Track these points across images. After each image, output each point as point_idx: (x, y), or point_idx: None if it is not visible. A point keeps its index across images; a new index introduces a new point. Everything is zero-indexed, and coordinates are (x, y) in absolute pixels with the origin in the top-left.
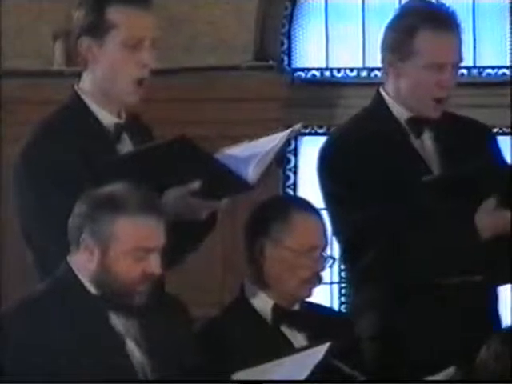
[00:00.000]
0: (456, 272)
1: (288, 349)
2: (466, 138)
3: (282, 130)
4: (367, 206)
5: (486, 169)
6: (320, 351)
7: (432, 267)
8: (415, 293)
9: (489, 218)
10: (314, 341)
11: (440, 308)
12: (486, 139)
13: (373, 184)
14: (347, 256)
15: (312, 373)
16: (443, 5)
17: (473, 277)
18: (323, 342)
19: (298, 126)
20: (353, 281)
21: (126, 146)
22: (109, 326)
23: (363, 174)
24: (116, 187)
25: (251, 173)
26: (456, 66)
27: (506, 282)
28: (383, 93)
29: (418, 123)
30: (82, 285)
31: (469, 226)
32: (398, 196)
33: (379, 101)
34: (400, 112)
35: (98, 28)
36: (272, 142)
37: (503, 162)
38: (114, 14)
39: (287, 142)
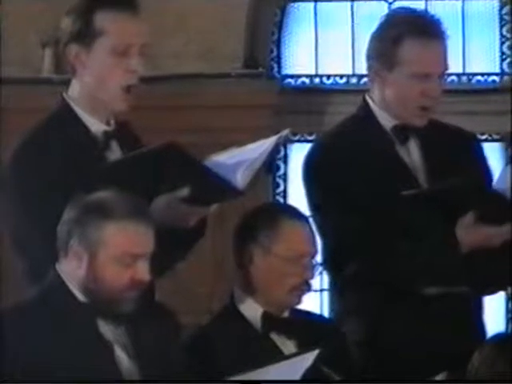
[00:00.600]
0: (440, 282)
1: (278, 356)
2: (452, 146)
3: None
4: (352, 214)
5: (466, 184)
6: (309, 358)
7: (416, 276)
8: (400, 301)
9: (467, 233)
10: (303, 348)
11: (425, 315)
12: (471, 147)
13: (358, 192)
14: (331, 263)
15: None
16: (428, 13)
17: (459, 288)
18: (313, 349)
19: (286, 132)
20: (336, 288)
21: (114, 153)
22: (97, 333)
23: (348, 182)
24: (105, 193)
25: (240, 179)
26: (442, 74)
27: (489, 293)
28: (369, 100)
29: (403, 131)
30: (70, 292)
31: (450, 237)
32: (383, 204)
33: (365, 108)
34: (386, 119)
35: (86, 35)
36: (260, 147)
37: (488, 170)
38: (101, 20)
39: (277, 149)
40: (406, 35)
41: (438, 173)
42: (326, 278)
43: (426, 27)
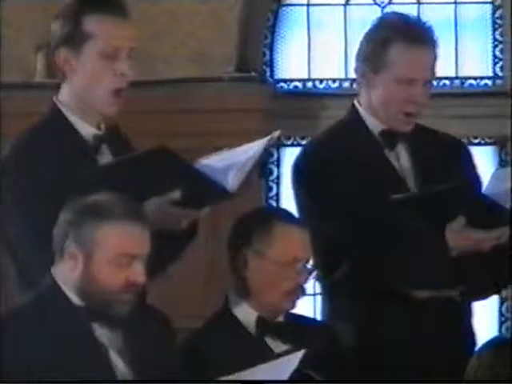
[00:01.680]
0: (429, 286)
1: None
2: (441, 151)
3: None
4: (341, 219)
5: (455, 189)
6: (295, 359)
7: (405, 280)
8: (389, 305)
9: (457, 237)
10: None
11: (414, 320)
12: (460, 153)
13: (347, 197)
14: (321, 267)
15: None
16: (420, 19)
17: (448, 292)
18: (298, 350)
19: (276, 134)
20: (326, 292)
21: (105, 157)
22: (93, 337)
23: (337, 187)
24: (100, 195)
25: (231, 181)
26: (428, 82)
27: (479, 298)
28: (357, 105)
29: (391, 136)
30: (65, 296)
31: (440, 241)
32: (373, 209)
33: (354, 113)
34: (374, 124)
35: (74, 39)
36: (251, 149)
37: (476, 175)
38: (90, 24)
39: (268, 151)
40: (394, 39)
41: (427, 177)
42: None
43: (415, 33)
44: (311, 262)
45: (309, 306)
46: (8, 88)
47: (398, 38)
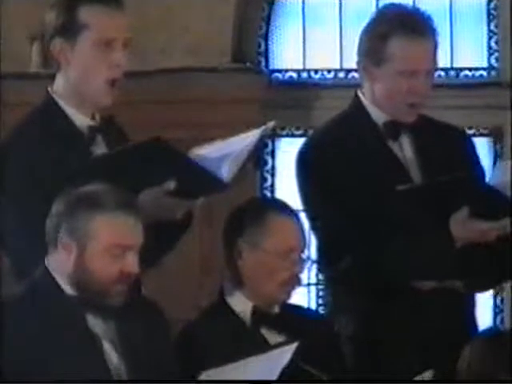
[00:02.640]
0: (433, 277)
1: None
2: (444, 141)
3: None
4: (345, 210)
5: (459, 179)
6: (288, 351)
7: (408, 272)
8: (392, 296)
9: (461, 228)
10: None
11: (417, 312)
12: (463, 143)
13: (351, 188)
14: (325, 258)
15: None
16: (418, 10)
17: (452, 283)
18: (291, 342)
19: (271, 124)
20: (330, 283)
21: (100, 148)
22: (86, 328)
23: (342, 178)
24: (94, 186)
25: (225, 172)
26: (430, 72)
27: (484, 289)
28: (361, 96)
29: (395, 127)
30: (59, 287)
31: (444, 232)
32: (376, 200)
33: (358, 104)
34: (377, 115)
35: (69, 29)
36: (245, 140)
37: (479, 165)
38: (85, 14)
39: (262, 141)
40: (394, 32)
41: (431, 168)
42: (313, 272)
43: (414, 24)
44: (306, 252)
45: (302, 295)
46: (3, 78)
47: (397, 31)
